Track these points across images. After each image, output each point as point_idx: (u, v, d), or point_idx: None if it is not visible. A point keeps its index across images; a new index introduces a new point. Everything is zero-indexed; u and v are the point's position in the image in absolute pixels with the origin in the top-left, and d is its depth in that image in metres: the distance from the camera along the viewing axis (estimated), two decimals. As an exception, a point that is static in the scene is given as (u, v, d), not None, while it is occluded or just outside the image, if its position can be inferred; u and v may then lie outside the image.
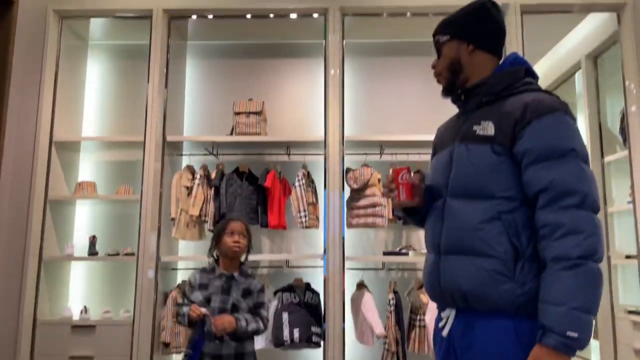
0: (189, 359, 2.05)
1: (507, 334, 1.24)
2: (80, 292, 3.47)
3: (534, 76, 1.43)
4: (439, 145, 1.54)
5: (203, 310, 2.06)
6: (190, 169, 3.42)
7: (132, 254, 3.19)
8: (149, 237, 3.10)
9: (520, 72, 1.39)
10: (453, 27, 1.46)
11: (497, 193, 1.29)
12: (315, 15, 3.32)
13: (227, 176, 3.36)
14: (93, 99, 3.72)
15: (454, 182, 1.38)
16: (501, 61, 1.45)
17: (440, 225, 1.39)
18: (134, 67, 3.73)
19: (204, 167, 3.39)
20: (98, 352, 3.02)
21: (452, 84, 1.46)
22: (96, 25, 3.56)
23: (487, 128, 1.33)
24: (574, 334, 1.13)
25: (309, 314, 3.10)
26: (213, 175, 3.38)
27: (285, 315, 3.01)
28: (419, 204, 1.49)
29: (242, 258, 2.33)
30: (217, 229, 2.33)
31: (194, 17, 3.37)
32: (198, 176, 3.31)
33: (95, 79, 3.75)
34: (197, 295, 2.18)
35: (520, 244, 1.26)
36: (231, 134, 3.43)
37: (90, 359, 3.01)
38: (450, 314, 1.38)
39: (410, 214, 1.56)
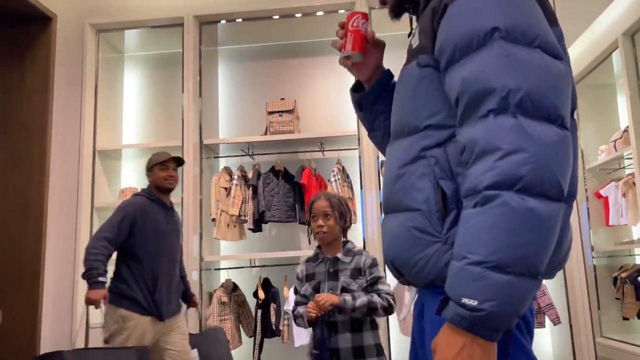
0: (316, 359, 1.87)
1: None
2: (128, 294, 3.59)
3: None
4: None
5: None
6: (228, 171, 3.49)
7: (176, 256, 3.28)
8: (192, 239, 3.18)
9: None
10: None
11: (422, 122, 0.92)
12: (342, 11, 3.34)
13: (263, 175, 3.42)
14: (131, 108, 3.84)
15: (391, 119, 1.05)
16: None
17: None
18: (167, 75, 3.83)
19: (241, 168, 3.46)
20: (149, 351, 3.12)
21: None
22: (130, 36, 3.68)
23: (415, 37, 0.98)
24: (471, 302, 0.74)
25: (351, 308, 3.12)
26: (250, 175, 3.44)
27: (328, 310, 3.04)
28: (370, 80, 1.15)
29: (347, 236, 2.10)
30: (309, 214, 2.09)
31: (224, 21, 3.44)
32: (235, 177, 3.38)
33: (132, 88, 3.87)
34: (307, 288, 2.01)
35: (452, 189, 0.87)
36: (265, 133, 3.48)
37: None
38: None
39: (358, 90, 1.19)
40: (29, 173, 3.11)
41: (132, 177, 3.74)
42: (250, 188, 3.38)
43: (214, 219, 3.32)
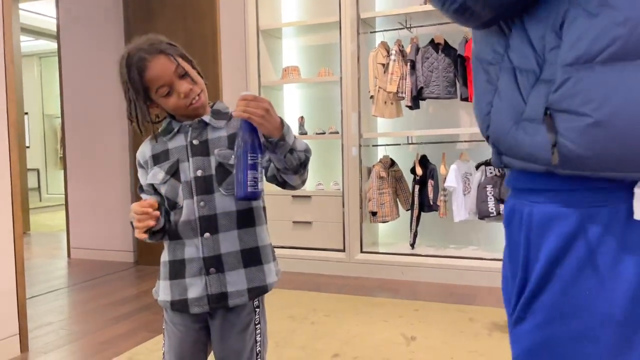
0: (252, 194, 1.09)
1: None
2: (294, 167, 3.89)
3: None
4: None
5: (151, 199, 1.17)
6: (385, 46, 3.39)
7: (337, 133, 3.41)
8: (351, 116, 3.25)
9: None
10: None
11: None
12: None
13: (422, 50, 3.26)
14: (288, -15, 3.84)
15: None
16: None
17: None
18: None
19: (398, 43, 3.34)
20: (315, 218, 3.43)
21: None
22: None
23: None
24: None
25: (513, 187, 3.01)
26: (408, 50, 3.31)
27: (489, 188, 2.98)
28: None
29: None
30: (130, 87, 1.17)
31: None
32: (393, 52, 3.28)
33: (288, -37, 3.84)
34: (157, 173, 1.23)
35: None
36: (425, 3, 3.25)
37: (309, 224, 3.44)
38: None
39: None
40: (204, 53, 3.37)
41: (293, 56, 3.84)
42: (408, 63, 3.27)
43: (372, 96, 3.32)
